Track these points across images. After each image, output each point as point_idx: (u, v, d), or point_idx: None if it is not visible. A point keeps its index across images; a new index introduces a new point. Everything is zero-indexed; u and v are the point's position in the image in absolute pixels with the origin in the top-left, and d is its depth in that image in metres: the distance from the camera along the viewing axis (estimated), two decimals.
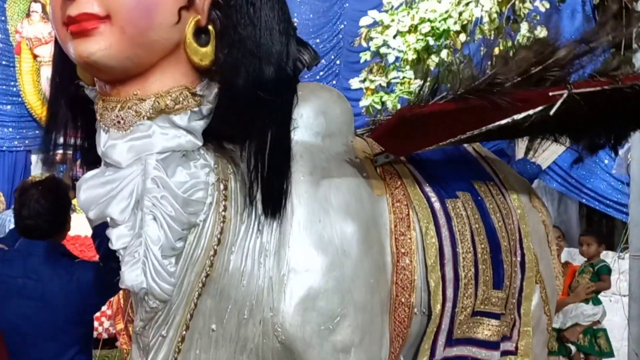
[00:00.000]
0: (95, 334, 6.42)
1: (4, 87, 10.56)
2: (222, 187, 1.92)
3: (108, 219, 1.81)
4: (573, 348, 4.41)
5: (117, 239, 1.80)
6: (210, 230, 1.89)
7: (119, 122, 1.82)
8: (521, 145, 3.29)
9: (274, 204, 1.95)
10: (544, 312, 2.82)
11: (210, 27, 1.87)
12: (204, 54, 1.85)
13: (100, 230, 2.28)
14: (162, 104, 1.82)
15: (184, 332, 1.91)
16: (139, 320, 1.86)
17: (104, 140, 1.85)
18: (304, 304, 1.99)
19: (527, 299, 2.71)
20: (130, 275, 1.77)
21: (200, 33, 1.86)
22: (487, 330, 2.52)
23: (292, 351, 1.99)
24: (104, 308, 6.81)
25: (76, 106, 2.02)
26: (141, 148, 1.82)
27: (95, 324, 7.14)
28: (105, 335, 6.49)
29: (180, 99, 1.84)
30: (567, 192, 7.78)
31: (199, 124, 1.88)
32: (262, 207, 1.93)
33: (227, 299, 1.95)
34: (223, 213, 1.92)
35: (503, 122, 2.23)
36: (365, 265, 2.14)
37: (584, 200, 7.59)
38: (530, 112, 2.22)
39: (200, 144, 1.88)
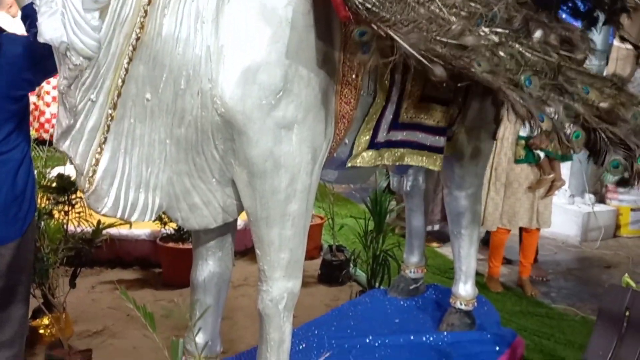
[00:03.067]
0: (46, 135, 6.35)
1: None
2: None
3: None
4: (541, 154, 4.49)
5: None
6: None
7: None
8: None
9: None
10: (491, 103, 2.81)
11: None
12: None
13: (30, 11, 2.10)
14: None
15: (116, 99, 1.80)
16: (63, 78, 1.74)
17: None
18: (244, 76, 1.89)
19: (475, 85, 2.67)
20: (48, 28, 1.62)
21: None
22: (436, 114, 2.50)
23: (232, 125, 1.92)
24: (54, 110, 6.69)
25: None
26: None
27: (47, 126, 7.08)
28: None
29: None
30: None
31: None
32: None
33: (162, 67, 1.83)
34: None
35: None
36: (311, 39, 2.02)
37: None
38: None
39: None
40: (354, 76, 2.17)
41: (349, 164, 2.36)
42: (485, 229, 4.68)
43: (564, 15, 2.91)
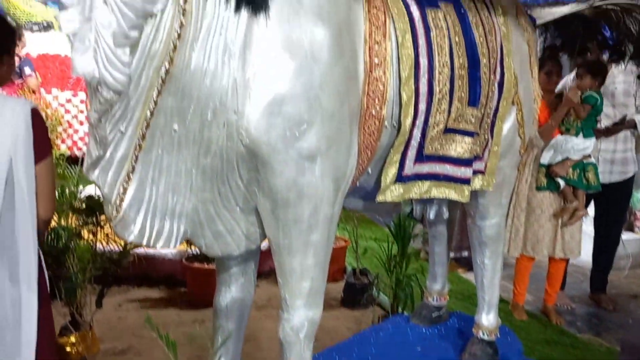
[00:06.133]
0: (79, 153, 6.50)
1: None
2: None
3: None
4: (562, 182, 4.44)
5: (67, 22, 1.69)
6: (169, 23, 1.78)
7: None
8: None
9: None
10: (517, 135, 2.81)
11: None
12: None
13: None
14: None
15: (144, 130, 1.86)
16: (94, 111, 1.80)
17: None
18: (269, 108, 1.94)
19: (501, 119, 2.68)
20: (81, 62, 1.69)
21: None
22: (459, 147, 2.51)
23: (257, 155, 1.97)
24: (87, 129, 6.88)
25: None
26: None
27: (80, 144, 7.24)
28: None
29: None
30: None
31: None
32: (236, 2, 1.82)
33: (189, 98, 1.88)
34: (184, 5, 1.79)
35: None
36: (336, 72, 2.05)
37: None
38: None
39: None
40: (377, 108, 2.20)
41: (378, 199, 2.38)
42: (508, 255, 4.63)
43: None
